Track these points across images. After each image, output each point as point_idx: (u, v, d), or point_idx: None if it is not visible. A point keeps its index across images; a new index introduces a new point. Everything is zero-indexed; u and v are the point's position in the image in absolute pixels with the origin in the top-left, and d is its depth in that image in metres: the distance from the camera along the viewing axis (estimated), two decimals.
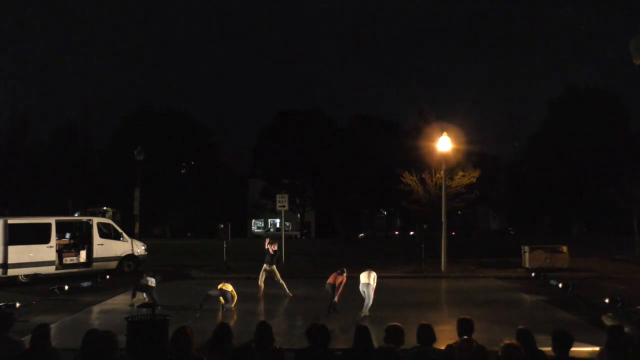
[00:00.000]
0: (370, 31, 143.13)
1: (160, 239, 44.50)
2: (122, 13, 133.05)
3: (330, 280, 12.63)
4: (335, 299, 12.41)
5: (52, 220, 18.62)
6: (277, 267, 14.96)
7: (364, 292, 12.22)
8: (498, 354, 4.80)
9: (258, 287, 14.62)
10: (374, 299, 12.20)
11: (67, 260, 19.01)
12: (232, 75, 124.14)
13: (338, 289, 12.49)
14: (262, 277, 14.69)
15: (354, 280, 12.71)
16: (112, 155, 51.43)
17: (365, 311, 12.06)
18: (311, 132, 53.86)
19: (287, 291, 14.77)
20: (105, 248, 19.79)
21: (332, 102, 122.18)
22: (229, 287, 12.93)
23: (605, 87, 53.86)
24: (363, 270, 12.52)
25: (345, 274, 12.69)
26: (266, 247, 14.82)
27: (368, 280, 12.23)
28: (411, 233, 52.54)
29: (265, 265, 14.71)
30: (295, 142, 52.98)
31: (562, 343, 4.86)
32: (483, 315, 11.36)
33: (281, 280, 14.83)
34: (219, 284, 13.20)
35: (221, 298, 12.75)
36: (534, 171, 53.98)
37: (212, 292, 12.96)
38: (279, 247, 16.04)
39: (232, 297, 12.97)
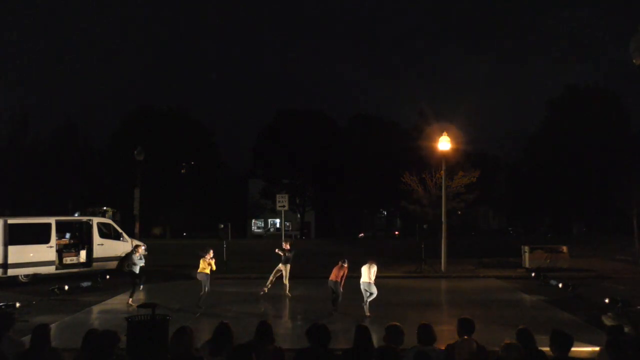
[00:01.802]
0: (370, 31, 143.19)
1: (160, 239, 44.48)
2: (122, 13, 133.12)
3: (332, 277, 12.63)
4: (340, 289, 12.41)
5: (52, 220, 18.61)
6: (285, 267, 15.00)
7: (365, 290, 12.19)
8: (498, 354, 4.80)
9: (267, 284, 14.73)
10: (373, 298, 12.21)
11: (67, 260, 19.01)
12: (232, 75, 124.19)
13: (341, 282, 12.49)
14: (273, 275, 14.77)
15: (356, 280, 12.71)
16: (112, 155, 51.40)
17: (367, 310, 12.06)
18: (311, 132, 53.82)
19: (288, 291, 14.79)
20: (105, 248, 19.78)
21: (332, 102, 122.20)
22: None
23: (605, 87, 53.82)
24: (364, 263, 12.49)
25: (346, 265, 12.71)
26: (284, 248, 14.91)
27: (369, 277, 12.20)
28: (396, 233, 52.43)
29: (280, 265, 14.77)
30: (295, 142, 52.95)
31: (561, 343, 4.85)
32: (483, 315, 11.37)
33: (287, 281, 14.86)
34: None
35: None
36: (534, 171, 54.01)
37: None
38: (280, 247, 15.98)
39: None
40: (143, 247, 21.27)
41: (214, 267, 13.56)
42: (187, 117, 55.98)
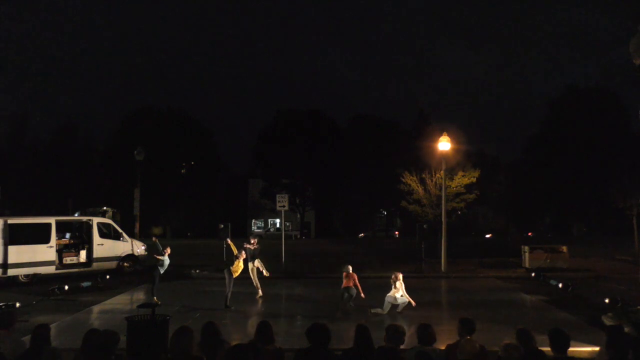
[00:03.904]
0: (370, 31, 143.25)
1: (160, 239, 44.37)
2: (122, 13, 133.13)
3: (344, 284, 12.64)
4: (362, 295, 12.51)
5: (52, 220, 18.59)
6: (263, 265, 14.93)
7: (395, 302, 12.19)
8: (498, 354, 4.80)
9: (255, 287, 14.62)
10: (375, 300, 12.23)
11: (67, 260, 18.99)
12: (232, 75, 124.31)
13: (356, 286, 12.55)
14: (254, 277, 14.66)
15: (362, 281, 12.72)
16: (112, 155, 51.44)
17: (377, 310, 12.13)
18: (311, 132, 53.87)
19: (260, 291, 14.63)
20: (105, 248, 19.76)
21: (332, 102, 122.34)
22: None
23: (605, 87, 53.94)
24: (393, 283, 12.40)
25: (351, 271, 12.69)
26: (249, 247, 14.76)
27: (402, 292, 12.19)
28: (396, 233, 52.53)
29: (249, 265, 14.67)
30: (295, 142, 52.98)
31: (559, 342, 4.85)
32: (483, 315, 11.34)
33: (264, 270, 14.82)
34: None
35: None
36: (533, 171, 54.03)
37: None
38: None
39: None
40: (143, 247, 21.39)
41: (242, 266, 13.59)
42: (187, 117, 56.02)
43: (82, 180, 47.94)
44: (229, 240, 14.32)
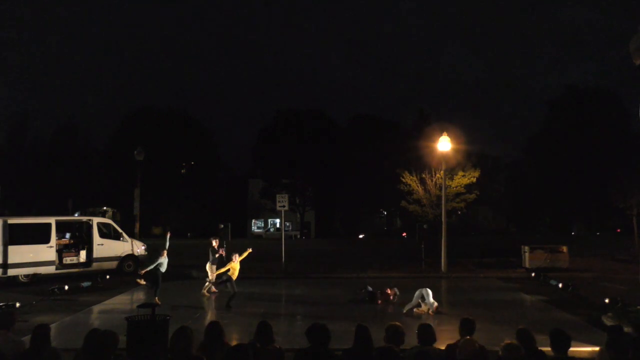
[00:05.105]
0: (370, 31, 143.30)
1: (160, 239, 44.42)
2: (122, 14, 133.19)
3: (386, 289, 13.67)
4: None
5: (52, 220, 18.59)
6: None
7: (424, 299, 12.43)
8: (498, 354, 4.79)
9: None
10: None
11: (67, 260, 18.99)
12: (232, 75, 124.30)
13: (386, 297, 13.44)
14: (211, 277, 14.90)
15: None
16: (112, 155, 51.43)
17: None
18: (311, 132, 53.86)
19: (205, 290, 14.81)
20: (105, 248, 19.77)
21: (333, 102, 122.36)
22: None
23: (605, 87, 54.00)
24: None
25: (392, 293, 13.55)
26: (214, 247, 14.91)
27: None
28: (403, 234, 52.71)
29: (208, 264, 14.96)
30: (295, 143, 52.96)
31: (560, 342, 4.85)
32: (483, 315, 11.33)
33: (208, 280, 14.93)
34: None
35: None
36: (534, 171, 54.04)
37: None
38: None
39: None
40: (143, 247, 21.40)
41: (237, 267, 13.84)
42: (187, 117, 56.01)
43: (82, 180, 47.93)
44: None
